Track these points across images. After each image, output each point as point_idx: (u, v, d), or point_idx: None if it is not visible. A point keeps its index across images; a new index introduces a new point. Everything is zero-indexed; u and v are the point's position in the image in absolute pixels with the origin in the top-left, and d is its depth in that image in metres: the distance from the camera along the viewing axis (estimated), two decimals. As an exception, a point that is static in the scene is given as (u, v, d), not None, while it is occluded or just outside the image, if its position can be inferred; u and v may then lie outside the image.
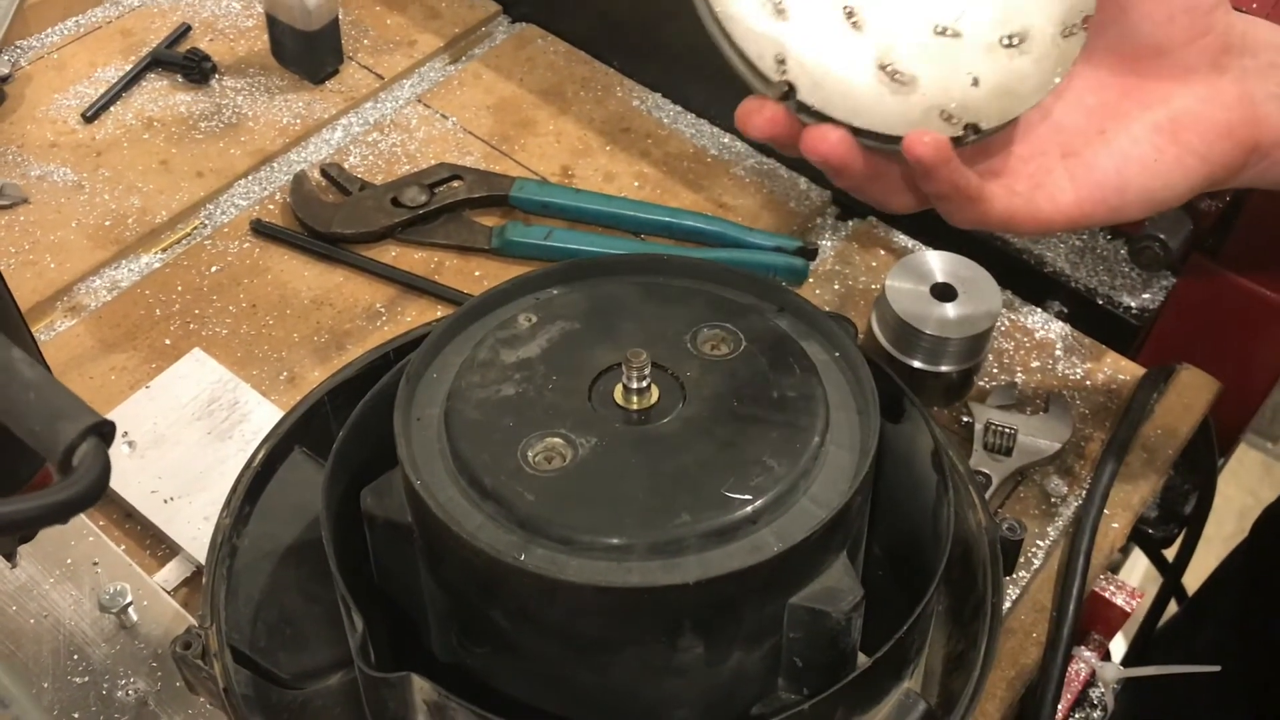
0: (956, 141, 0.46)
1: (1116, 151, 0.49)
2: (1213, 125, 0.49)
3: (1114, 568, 0.95)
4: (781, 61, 0.45)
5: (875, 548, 0.56)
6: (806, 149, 0.46)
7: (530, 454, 0.45)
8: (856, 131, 0.45)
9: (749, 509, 0.43)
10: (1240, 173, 0.51)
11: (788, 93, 0.45)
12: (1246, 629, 0.88)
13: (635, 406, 0.46)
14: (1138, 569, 1.36)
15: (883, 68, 0.45)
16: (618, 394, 0.47)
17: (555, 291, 0.52)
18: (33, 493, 0.33)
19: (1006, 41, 0.47)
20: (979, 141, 0.47)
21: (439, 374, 0.49)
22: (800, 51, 0.45)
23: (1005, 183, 0.49)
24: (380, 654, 0.47)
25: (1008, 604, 0.62)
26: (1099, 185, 0.49)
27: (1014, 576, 0.63)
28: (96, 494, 0.33)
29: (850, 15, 0.45)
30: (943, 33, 0.46)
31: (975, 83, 0.46)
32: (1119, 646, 0.99)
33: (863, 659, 0.46)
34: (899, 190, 0.49)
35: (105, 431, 0.35)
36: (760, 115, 0.46)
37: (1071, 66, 0.48)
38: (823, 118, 0.45)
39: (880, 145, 0.46)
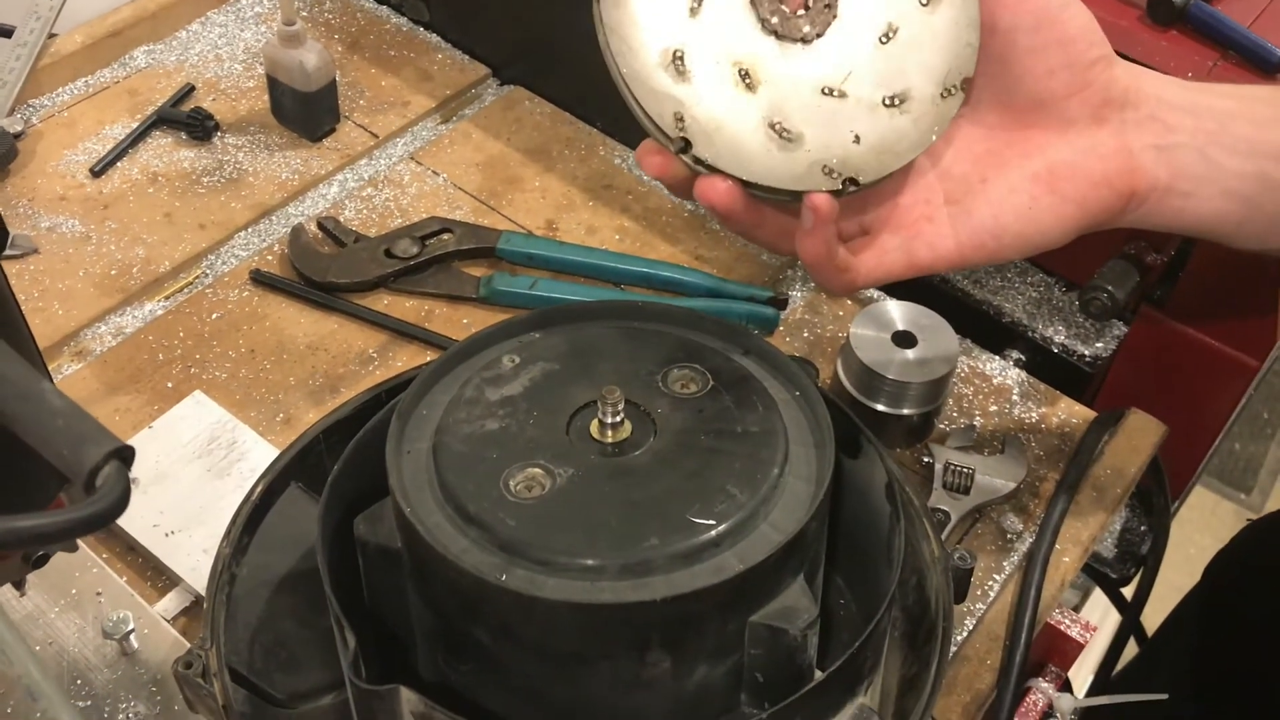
0: (835, 194, 0.49)
1: (994, 199, 0.53)
2: (1088, 175, 0.52)
3: (1075, 607, 0.99)
4: (680, 119, 0.49)
5: (837, 578, 0.60)
6: (698, 196, 0.50)
7: (512, 483, 0.49)
8: (745, 183, 0.49)
9: (713, 533, 0.47)
10: (1120, 216, 0.54)
11: (684, 147, 0.49)
12: (1200, 669, 0.92)
13: (609, 440, 0.50)
14: (1112, 613, 1.39)
15: (772, 125, 0.49)
16: (593, 428, 0.51)
17: (537, 335, 0.56)
18: (62, 509, 0.36)
19: (888, 101, 0.50)
20: (856, 193, 0.51)
21: (428, 411, 0.53)
22: (697, 110, 0.49)
23: (877, 247, 0.53)
24: (370, 673, 0.50)
25: (965, 634, 0.66)
26: (976, 231, 0.53)
27: (970, 608, 0.67)
28: (119, 510, 0.37)
29: (745, 77, 0.49)
30: (829, 93, 0.50)
31: (857, 140, 0.50)
32: (1081, 687, 1.02)
33: (820, 675, 0.49)
34: (781, 237, 0.53)
35: (126, 455, 0.38)
36: (656, 159, 0.50)
37: (949, 125, 0.52)
38: (715, 169, 0.49)
39: (765, 195, 0.50)
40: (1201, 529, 2.04)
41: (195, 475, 0.70)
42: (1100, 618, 1.34)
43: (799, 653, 0.47)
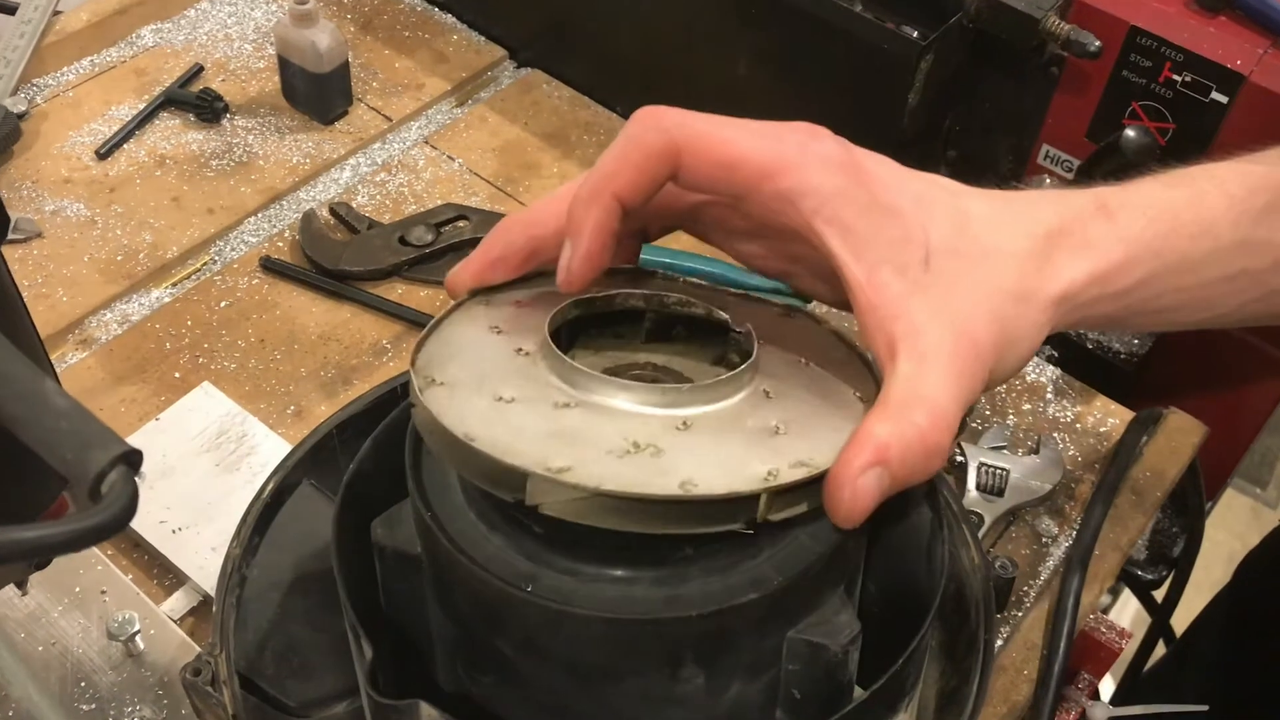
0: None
1: None
2: None
3: (1104, 609, 0.96)
4: None
5: (871, 586, 0.57)
6: None
7: (538, 488, 0.46)
8: None
9: (750, 544, 0.44)
10: None
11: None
12: (1229, 670, 0.90)
13: (639, 442, 0.48)
14: (1128, 610, 1.37)
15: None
16: (623, 430, 0.48)
17: (561, 330, 0.54)
18: (65, 518, 0.34)
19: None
20: None
21: (449, 408, 0.51)
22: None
23: None
24: (386, 682, 0.48)
25: (1000, 641, 0.63)
26: None
27: (1006, 615, 0.64)
28: (126, 520, 0.34)
29: None
30: None
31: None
32: (1107, 687, 1.00)
33: (859, 692, 0.47)
34: None
35: (134, 460, 0.36)
36: None
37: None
38: None
39: None
40: (1217, 524, 2.02)
41: (204, 469, 0.68)
42: (1117, 613, 1.31)
43: (839, 669, 0.45)
